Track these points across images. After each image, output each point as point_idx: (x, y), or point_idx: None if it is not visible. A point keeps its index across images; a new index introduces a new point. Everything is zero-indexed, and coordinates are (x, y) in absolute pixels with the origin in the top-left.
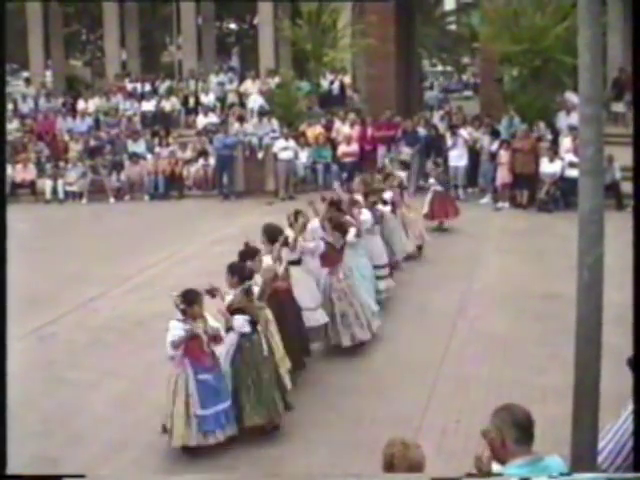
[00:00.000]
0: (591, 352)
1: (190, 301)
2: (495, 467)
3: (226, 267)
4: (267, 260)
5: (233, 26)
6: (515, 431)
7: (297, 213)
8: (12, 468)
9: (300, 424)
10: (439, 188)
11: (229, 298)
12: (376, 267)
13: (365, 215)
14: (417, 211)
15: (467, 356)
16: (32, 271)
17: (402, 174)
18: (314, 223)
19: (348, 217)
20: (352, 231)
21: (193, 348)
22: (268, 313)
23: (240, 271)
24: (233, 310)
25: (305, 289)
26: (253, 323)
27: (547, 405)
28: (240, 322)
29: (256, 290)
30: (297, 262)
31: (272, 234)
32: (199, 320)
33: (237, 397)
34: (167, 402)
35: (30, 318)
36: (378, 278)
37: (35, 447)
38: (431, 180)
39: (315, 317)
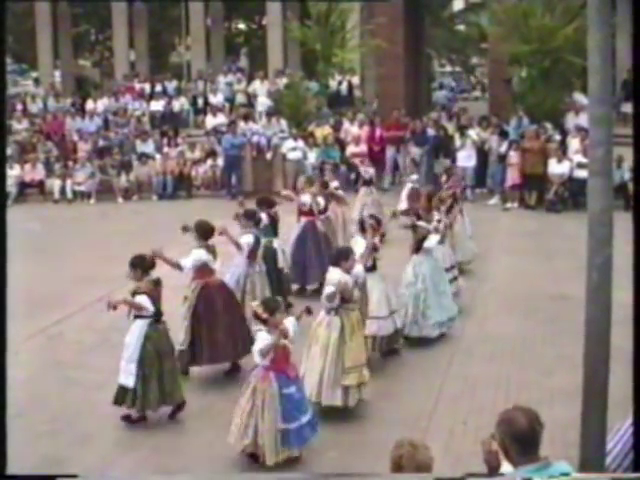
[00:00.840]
0: (600, 353)
1: (272, 310)
2: (505, 467)
3: (129, 262)
4: (199, 252)
5: (242, 27)
6: (516, 444)
7: (373, 218)
8: (20, 467)
9: None
10: (415, 185)
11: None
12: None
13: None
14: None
15: (475, 357)
16: (40, 271)
17: (371, 170)
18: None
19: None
20: (434, 237)
21: (280, 359)
22: (357, 314)
23: (141, 263)
24: (137, 294)
25: (380, 297)
26: (158, 314)
27: (555, 407)
28: (143, 299)
29: (329, 290)
30: (372, 269)
31: (204, 231)
32: (280, 328)
33: (145, 384)
34: (247, 417)
35: (38, 318)
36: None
37: (43, 447)
38: (414, 177)
39: (386, 326)
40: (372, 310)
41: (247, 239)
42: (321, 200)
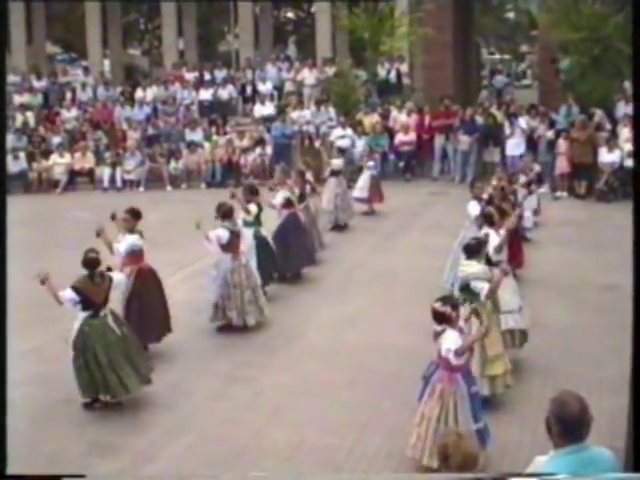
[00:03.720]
0: None
1: (456, 307)
2: (537, 459)
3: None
4: (134, 238)
5: (290, 15)
6: (559, 426)
7: (498, 209)
8: (68, 453)
9: (352, 411)
10: (374, 173)
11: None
12: None
13: None
14: None
15: (523, 346)
16: None
17: (339, 161)
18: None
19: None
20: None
21: (467, 359)
22: (490, 305)
23: (83, 261)
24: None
25: (511, 290)
26: (94, 307)
27: (602, 397)
28: (66, 294)
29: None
30: (498, 263)
31: (136, 216)
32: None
33: (76, 373)
34: (436, 424)
35: None
36: None
37: (91, 433)
38: (371, 163)
39: (522, 319)
40: (505, 304)
41: (219, 232)
42: (296, 190)
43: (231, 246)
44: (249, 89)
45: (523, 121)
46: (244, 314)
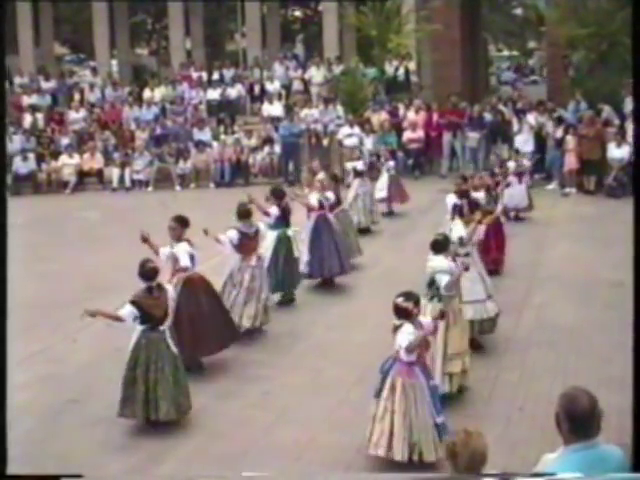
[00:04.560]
0: None
1: (417, 302)
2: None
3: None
4: (184, 245)
5: (298, 13)
6: (569, 422)
7: (471, 202)
8: (79, 454)
9: (361, 409)
10: (393, 172)
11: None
12: None
13: None
14: None
15: (532, 344)
16: (101, 259)
17: (360, 164)
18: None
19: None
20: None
21: (422, 352)
22: (457, 302)
23: (142, 272)
24: (131, 301)
25: (475, 280)
26: (154, 321)
27: (612, 394)
28: (126, 311)
29: None
30: (466, 255)
31: (185, 222)
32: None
33: (128, 390)
34: (402, 418)
35: (98, 305)
36: None
37: (100, 434)
38: (391, 163)
39: (485, 309)
40: (467, 294)
41: (229, 234)
42: (331, 195)
43: (242, 247)
44: (257, 88)
45: (531, 117)
46: (234, 314)
